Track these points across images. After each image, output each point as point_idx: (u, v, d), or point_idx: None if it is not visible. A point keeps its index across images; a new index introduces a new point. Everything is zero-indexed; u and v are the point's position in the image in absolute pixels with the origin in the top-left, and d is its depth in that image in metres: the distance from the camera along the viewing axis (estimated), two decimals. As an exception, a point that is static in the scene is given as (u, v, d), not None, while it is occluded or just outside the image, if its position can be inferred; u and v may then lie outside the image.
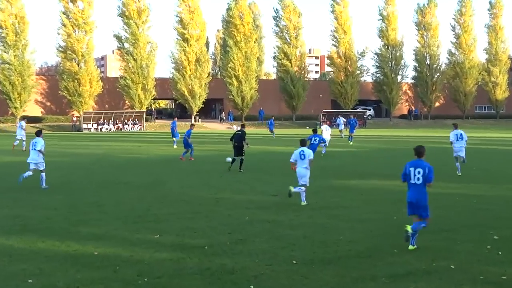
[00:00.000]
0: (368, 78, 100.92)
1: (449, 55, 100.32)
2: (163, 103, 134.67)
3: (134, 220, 14.11)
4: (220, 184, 20.84)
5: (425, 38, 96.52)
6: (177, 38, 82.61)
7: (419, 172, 11.47)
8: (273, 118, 64.30)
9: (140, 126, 78.48)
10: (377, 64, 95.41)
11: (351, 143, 42.96)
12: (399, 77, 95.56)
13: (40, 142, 19.45)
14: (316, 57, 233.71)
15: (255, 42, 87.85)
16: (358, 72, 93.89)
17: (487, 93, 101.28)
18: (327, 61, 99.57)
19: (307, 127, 76.55)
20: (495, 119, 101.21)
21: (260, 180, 21.89)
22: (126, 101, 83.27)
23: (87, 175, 22.74)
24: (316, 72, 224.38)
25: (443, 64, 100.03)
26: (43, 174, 19.57)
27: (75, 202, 16.93)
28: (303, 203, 16.31)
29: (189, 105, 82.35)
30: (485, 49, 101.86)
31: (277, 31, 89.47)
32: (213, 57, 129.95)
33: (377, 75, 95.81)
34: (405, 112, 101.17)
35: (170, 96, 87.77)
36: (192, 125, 33.08)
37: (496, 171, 24.88)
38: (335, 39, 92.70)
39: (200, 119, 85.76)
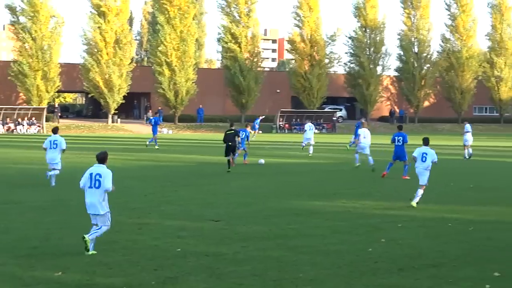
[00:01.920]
0: (339, 69, 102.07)
1: (442, 41, 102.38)
2: (70, 98, 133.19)
3: (27, 252, 13.88)
4: (144, 205, 20.74)
5: (412, 19, 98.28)
6: (90, 12, 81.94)
7: None
8: (259, 117, 73.17)
9: (38, 127, 77.44)
10: (351, 51, 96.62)
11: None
12: (379, 68, 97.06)
13: (63, 141, 25.11)
14: (273, 41, 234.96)
15: (193, 19, 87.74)
16: (327, 61, 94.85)
17: (489, 90, 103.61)
18: (287, 46, 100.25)
19: (260, 132, 76.83)
20: (498, 123, 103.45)
21: (197, 200, 21.86)
22: (21, 94, 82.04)
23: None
24: (273, 60, 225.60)
25: (435, 52, 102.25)
26: (57, 171, 25.15)
27: None
28: (413, 203, 20.45)
29: (105, 100, 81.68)
30: (487, 35, 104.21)
31: (223, 6, 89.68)
32: (138, 38, 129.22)
33: (351, 65, 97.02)
34: (386, 114, 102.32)
35: (80, 88, 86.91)
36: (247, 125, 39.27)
37: (498, 190, 25.40)
38: (298, 18, 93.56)
39: (119, 119, 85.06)
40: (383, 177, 28.78)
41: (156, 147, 48.36)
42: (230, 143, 31.84)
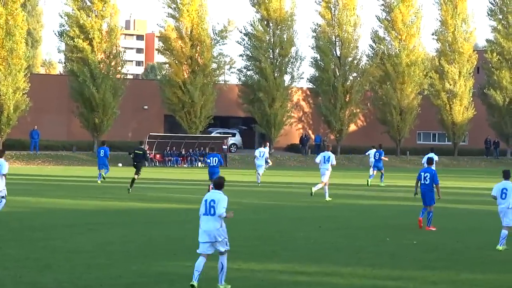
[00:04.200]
0: (232, 78, 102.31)
1: (374, 41, 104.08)
2: None
3: None
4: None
5: (333, 9, 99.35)
6: None
7: None
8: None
9: None
10: (248, 53, 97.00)
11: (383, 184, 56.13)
12: (287, 78, 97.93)
13: (4, 165, 29.92)
14: (139, 37, 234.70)
15: (23, 6, 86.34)
16: (214, 66, 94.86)
17: (438, 110, 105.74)
18: (159, 44, 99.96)
19: (120, 165, 76.36)
20: (451, 156, 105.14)
21: (30, 262, 21.64)
22: None
23: None
24: (139, 64, 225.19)
25: (364, 57, 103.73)
26: (4, 200, 30.68)
27: None
28: (499, 247, 24.85)
29: None
30: (435, 33, 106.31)
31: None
32: None
33: (248, 72, 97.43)
34: (297, 141, 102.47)
35: None
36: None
37: (449, 248, 25.94)
38: (173, 5, 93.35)
39: None
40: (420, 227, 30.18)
41: (99, 181, 54.56)
42: (136, 163, 45.87)
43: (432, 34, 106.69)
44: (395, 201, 44.27)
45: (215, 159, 43.53)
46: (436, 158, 50.07)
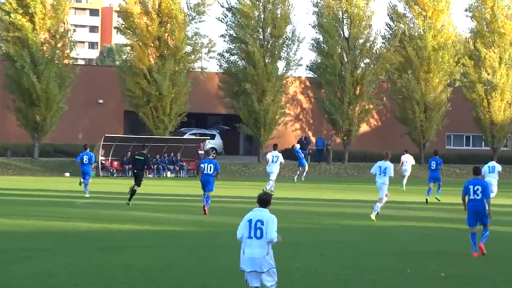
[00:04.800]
0: (211, 65, 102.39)
1: (392, 18, 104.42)
2: None
3: None
4: None
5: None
6: None
7: None
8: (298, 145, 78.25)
9: None
10: (232, 33, 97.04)
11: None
12: (281, 65, 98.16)
13: None
14: (93, 12, 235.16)
15: None
16: (188, 49, 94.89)
17: (473, 106, 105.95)
18: (118, 21, 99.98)
19: (67, 174, 76.09)
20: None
21: None
22: None
23: None
24: (93, 46, 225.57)
25: (379, 38, 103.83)
26: None
27: None
28: None
29: None
30: (469, 9, 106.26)
31: None
32: None
33: (232, 57, 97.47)
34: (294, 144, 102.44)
35: None
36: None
37: (492, 281, 25.67)
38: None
39: None
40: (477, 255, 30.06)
41: (87, 195, 55.30)
42: (136, 171, 48.65)
43: (466, 11, 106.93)
44: (418, 221, 44.12)
45: (211, 166, 44.08)
46: (498, 167, 51.03)
